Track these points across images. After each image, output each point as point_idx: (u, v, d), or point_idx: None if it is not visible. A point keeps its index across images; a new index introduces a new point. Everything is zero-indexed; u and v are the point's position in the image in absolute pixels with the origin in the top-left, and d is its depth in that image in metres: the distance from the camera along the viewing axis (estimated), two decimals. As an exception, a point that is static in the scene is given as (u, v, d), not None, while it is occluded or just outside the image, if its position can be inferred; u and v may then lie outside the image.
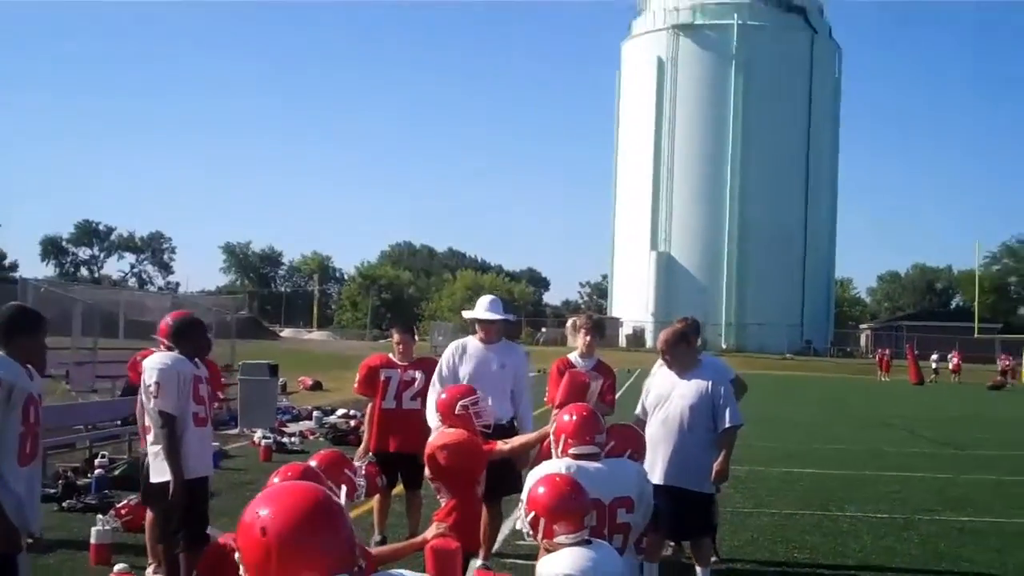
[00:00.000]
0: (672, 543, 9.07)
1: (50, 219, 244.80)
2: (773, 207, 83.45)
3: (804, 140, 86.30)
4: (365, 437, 9.36)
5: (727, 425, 7.62)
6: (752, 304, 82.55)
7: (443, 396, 6.78)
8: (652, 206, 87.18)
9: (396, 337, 9.49)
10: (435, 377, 8.30)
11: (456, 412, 6.54)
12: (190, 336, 7.15)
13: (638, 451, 6.90)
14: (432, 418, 7.68)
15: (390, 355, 9.41)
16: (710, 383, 7.65)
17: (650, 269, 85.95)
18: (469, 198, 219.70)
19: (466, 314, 8.57)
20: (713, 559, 8.44)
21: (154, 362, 6.94)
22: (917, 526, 11.21)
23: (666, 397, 7.66)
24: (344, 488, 3.33)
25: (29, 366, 5.05)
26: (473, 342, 8.36)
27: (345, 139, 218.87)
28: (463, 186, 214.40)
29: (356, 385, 9.57)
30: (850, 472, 15.60)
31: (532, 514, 4.57)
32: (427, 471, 6.44)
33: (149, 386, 6.86)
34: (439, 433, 6.51)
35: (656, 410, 7.73)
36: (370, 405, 9.38)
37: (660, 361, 8.11)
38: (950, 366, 57.21)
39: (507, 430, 7.88)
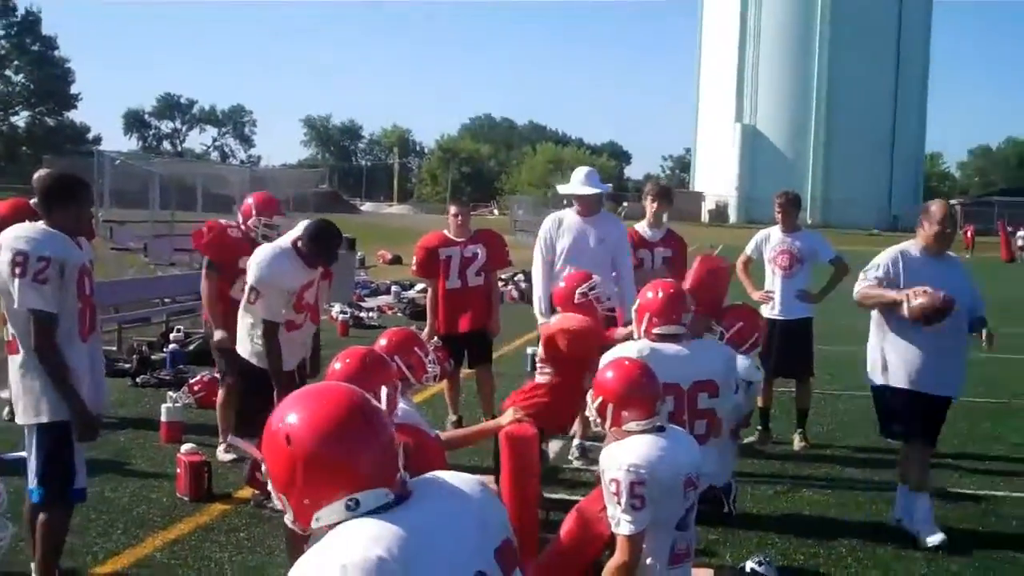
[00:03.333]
0: (760, 428, 8.72)
1: (133, 92, 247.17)
2: (862, 79, 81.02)
3: (896, 8, 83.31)
4: (429, 320, 8.78)
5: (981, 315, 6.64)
6: (839, 179, 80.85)
7: (561, 285, 6.81)
8: (737, 76, 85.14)
9: (453, 210, 8.90)
10: (536, 253, 8.09)
11: (576, 301, 6.53)
12: (321, 247, 6.33)
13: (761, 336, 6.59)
14: (538, 306, 7.86)
15: (445, 232, 8.86)
16: (965, 270, 6.58)
17: (734, 142, 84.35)
18: (550, 70, 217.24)
19: (561, 189, 8.28)
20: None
21: (262, 258, 6.31)
22: (1018, 412, 10.71)
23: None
24: (385, 391, 2.99)
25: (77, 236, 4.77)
26: (570, 215, 8.02)
27: (425, 10, 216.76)
28: (544, 58, 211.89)
29: (413, 268, 9.14)
30: (944, 353, 14.97)
31: (599, 399, 4.33)
32: (540, 352, 6.54)
33: (251, 289, 6.35)
34: (563, 317, 6.50)
35: None
36: (431, 287, 8.96)
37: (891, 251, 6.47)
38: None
39: (607, 309, 7.45)
